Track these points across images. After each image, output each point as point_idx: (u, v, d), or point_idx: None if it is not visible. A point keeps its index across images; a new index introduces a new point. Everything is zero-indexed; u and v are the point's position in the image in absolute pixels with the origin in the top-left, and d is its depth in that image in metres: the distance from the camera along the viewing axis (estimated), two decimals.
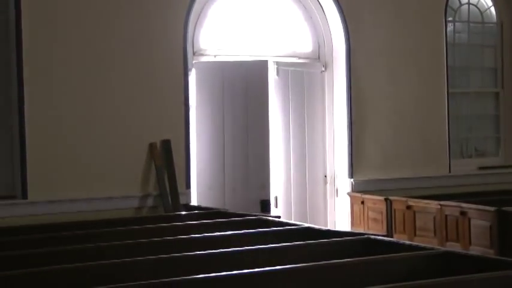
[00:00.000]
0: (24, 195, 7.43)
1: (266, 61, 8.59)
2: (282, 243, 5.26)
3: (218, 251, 4.98)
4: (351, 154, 9.06)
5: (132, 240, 5.65)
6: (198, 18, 8.58)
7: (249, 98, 8.48)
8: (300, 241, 5.33)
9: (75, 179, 7.65)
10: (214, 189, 8.43)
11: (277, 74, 8.76)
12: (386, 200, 8.67)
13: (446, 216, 7.94)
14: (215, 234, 5.85)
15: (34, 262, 4.87)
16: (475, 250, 7.33)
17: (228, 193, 8.40)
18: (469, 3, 10.17)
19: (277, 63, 8.84)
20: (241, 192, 8.39)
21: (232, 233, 5.88)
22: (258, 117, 8.49)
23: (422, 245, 5.62)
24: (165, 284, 3.98)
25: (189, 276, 4.13)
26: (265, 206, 8.23)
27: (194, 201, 8.30)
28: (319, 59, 9.31)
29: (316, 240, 5.37)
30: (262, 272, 4.22)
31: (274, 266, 4.34)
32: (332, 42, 9.25)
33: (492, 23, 10.34)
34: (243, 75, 8.48)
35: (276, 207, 8.70)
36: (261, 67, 8.55)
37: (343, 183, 9.12)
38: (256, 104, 8.49)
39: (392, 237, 7.75)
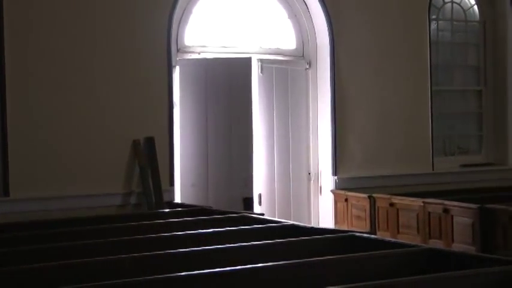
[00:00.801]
0: (6, 193, 7.39)
1: (249, 58, 8.57)
2: (265, 241, 5.25)
3: (201, 248, 4.96)
4: (335, 152, 9.06)
5: (115, 238, 5.61)
6: (182, 15, 8.54)
7: (232, 96, 8.45)
8: (284, 238, 5.32)
9: (58, 176, 7.61)
10: (197, 187, 8.40)
11: (261, 71, 8.74)
12: (369, 197, 8.67)
13: (429, 213, 7.95)
14: (199, 231, 5.83)
15: (15, 260, 4.84)
16: (457, 247, 7.35)
17: (211, 191, 8.37)
18: (452, 2, 10.19)
19: (261, 60, 8.83)
20: (224, 190, 8.36)
21: (215, 231, 5.86)
22: (241, 115, 8.46)
23: (405, 242, 5.63)
24: (148, 281, 3.96)
25: (171, 274, 4.11)
26: (248, 203, 8.20)
27: (178, 199, 8.28)
28: (303, 56, 9.30)
29: (300, 237, 5.36)
30: (245, 269, 4.21)
31: (257, 264, 4.32)
32: (316, 40, 9.24)
33: (475, 21, 10.36)
34: (226, 73, 8.45)
35: (260, 204, 8.69)
36: (244, 64, 8.51)
37: (327, 180, 9.12)
38: (239, 102, 8.47)
39: (375, 234, 7.75)
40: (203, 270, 4.15)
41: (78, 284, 3.95)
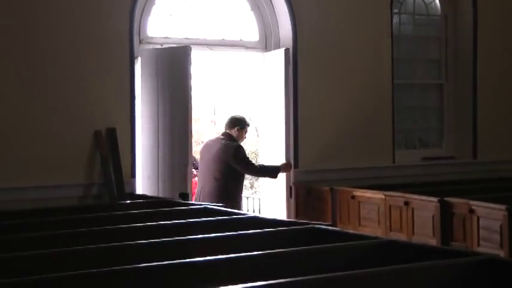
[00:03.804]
0: None
1: (188, 47, 8.28)
2: (227, 233, 5.23)
3: (161, 240, 4.93)
4: (296, 144, 9.04)
5: (75, 229, 5.55)
6: (145, 6, 8.48)
7: (173, 86, 8.27)
8: (245, 230, 5.30)
9: (17, 166, 7.53)
10: (152, 179, 8.32)
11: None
12: (331, 190, 8.68)
13: (390, 206, 7.99)
14: (159, 223, 5.79)
15: None
16: (418, 239, 7.39)
17: (161, 183, 8.27)
18: None
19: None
20: (169, 184, 8.23)
21: (177, 222, 5.83)
22: (181, 107, 8.23)
23: (367, 234, 5.64)
24: (107, 272, 3.92)
25: (131, 265, 4.08)
26: (185, 199, 7.67)
27: (139, 190, 8.23)
28: (265, 48, 9.27)
29: (261, 229, 5.34)
30: (204, 261, 4.18)
31: (218, 255, 4.30)
32: (279, 33, 9.22)
33: (437, 15, 10.42)
34: (169, 62, 8.27)
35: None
36: (182, 53, 8.25)
37: (288, 173, 9.09)
38: (179, 93, 8.24)
39: (336, 227, 7.76)
40: (163, 261, 4.12)
41: (33, 276, 3.90)
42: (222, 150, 8.18)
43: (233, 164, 8.13)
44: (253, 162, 8.56)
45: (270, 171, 8.51)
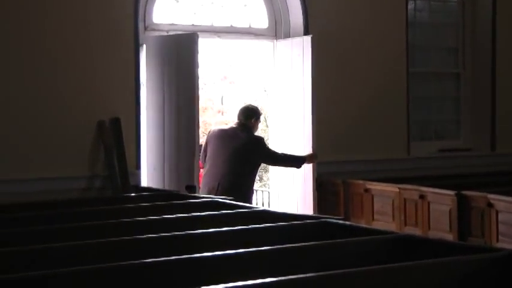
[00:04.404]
0: None
1: (195, 34, 8.20)
2: (236, 227, 5.22)
3: (167, 234, 4.92)
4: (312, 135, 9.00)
5: (78, 223, 5.55)
6: None
7: (180, 75, 8.22)
8: (255, 224, 5.30)
9: (19, 158, 7.53)
10: (158, 171, 8.28)
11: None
12: (343, 182, 8.67)
13: (405, 200, 7.98)
14: (164, 217, 5.78)
15: None
16: (434, 235, 7.38)
17: (167, 175, 8.23)
18: None
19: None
20: (176, 175, 8.18)
21: (184, 216, 5.82)
22: (188, 96, 8.15)
23: (380, 229, 5.63)
24: (114, 268, 3.92)
25: (136, 260, 4.08)
26: (192, 192, 7.55)
27: (144, 183, 8.22)
28: (275, 36, 9.24)
29: (270, 224, 5.34)
30: (215, 256, 4.18)
31: (228, 250, 4.30)
32: (290, 20, 9.19)
33: (453, 1, 10.37)
34: (175, 50, 8.25)
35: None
36: (189, 41, 8.16)
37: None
38: (186, 82, 8.17)
39: (349, 221, 7.75)
40: (170, 257, 4.11)
41: (36, 271, 3.90)
42: (247, 144, 7.94)
43: (261, 158, 8.06)
44: (278, 152, 8.42)
45: (295, 161, 8.39)
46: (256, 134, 8.30)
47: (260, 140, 8.12)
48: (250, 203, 7.77)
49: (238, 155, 7.88)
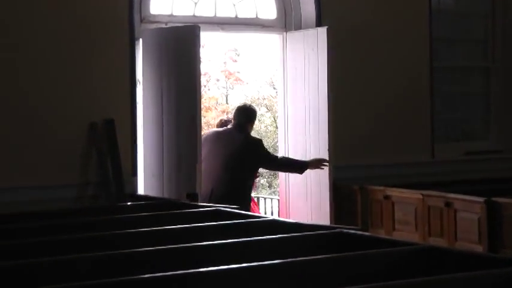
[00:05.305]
0: None
1: (197, 26, 8.18)
2: (242, 238, 5.22)
3: (167, 247, 4.92)
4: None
5: (68, 236, 5.57)
6: None
7: (180, 72, 8.20)
8: (263, 235, 5.30)
9: (5, 165, 7.54)
10: (156, 177, 8.27)
11: None
12: (361, 189, 8.67)
13: (429, 207, 7.98)
14: (164, 228, 5.79)
15: None
16: (461, 246, 7.38)
17: (166, 182, 8.22)
18: None
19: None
20: (176, 182, 8.17)
21: (184, 227, 5.83)
22: (188, 94, 8.15)
23: (402, 240, 5.63)
24: (108, 284, 3.93)
25: (131, 276, 4.08)
26: (193, 200, 7.59)
27: (141, 191, 8.23)
28: (285, 28, 9.24)
29: (282, 234, 5.34)
30: (218, 271, 4.18)
31: (232, 264, 4.30)
32: (301, 9, 9.19)
33: None
34: (174, 44, 8.21)
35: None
36: (190, 33, 8.14)
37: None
38: (186, 79, 8.16)
39: (367, 231, 7.76)
40: (169, 272, 4.12)
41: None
42: (244, 147, 8.13)
43: (260, 162, 8.21)
44: (278, 156, 8.53)
45: (297, 166, 8.48)
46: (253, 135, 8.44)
47: (258, 143, 8.24)
48: (248, 211, 7.81)
49: (234, 159, 8.07)
